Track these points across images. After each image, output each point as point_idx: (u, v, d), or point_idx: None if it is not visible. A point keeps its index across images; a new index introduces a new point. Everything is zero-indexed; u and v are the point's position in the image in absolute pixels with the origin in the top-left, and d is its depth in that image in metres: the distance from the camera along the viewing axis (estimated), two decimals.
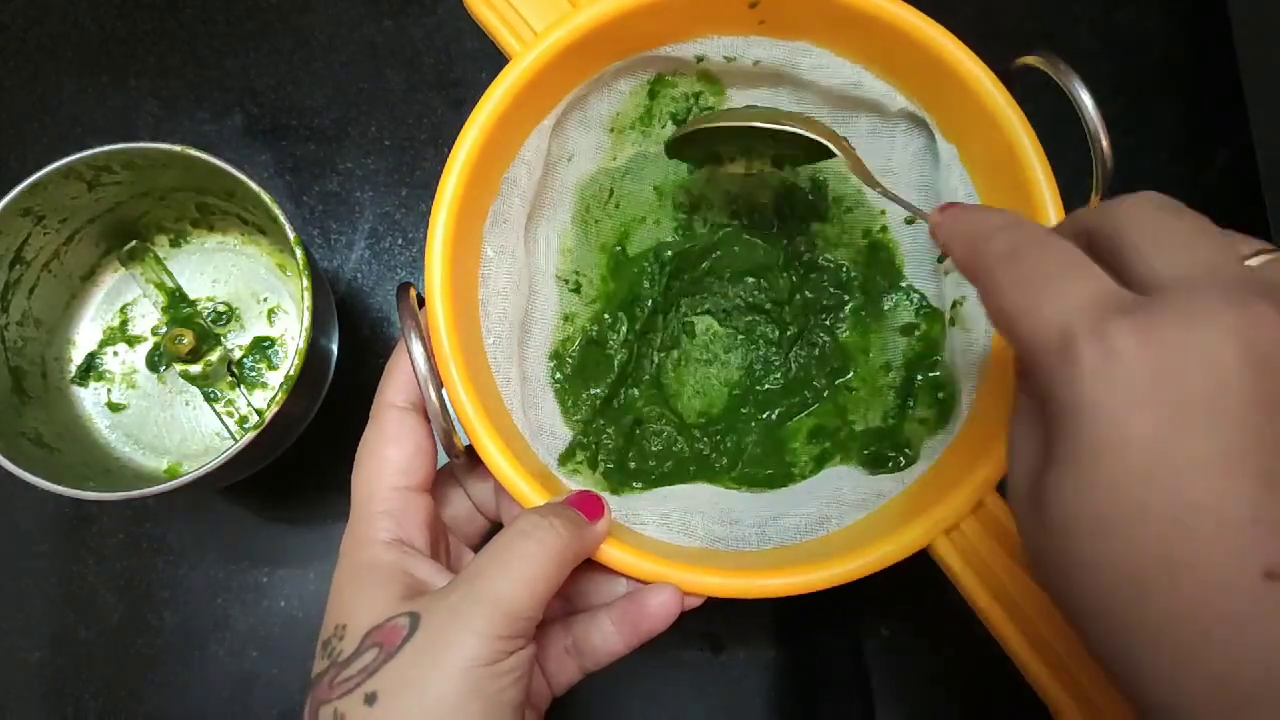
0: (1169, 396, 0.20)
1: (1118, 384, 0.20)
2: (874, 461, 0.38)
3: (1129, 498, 0.20)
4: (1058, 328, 0.21)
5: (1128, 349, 0.20)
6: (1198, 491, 0.19)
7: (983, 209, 0.26)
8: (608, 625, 0.32)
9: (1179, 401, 0.20)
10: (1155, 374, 0.20)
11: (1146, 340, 0.20)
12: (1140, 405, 0.20)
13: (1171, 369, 0.20)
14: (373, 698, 0.26)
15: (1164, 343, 0.20)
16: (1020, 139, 0.34)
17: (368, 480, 0.31)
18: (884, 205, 0.41)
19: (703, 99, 0.40)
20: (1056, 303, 0.21)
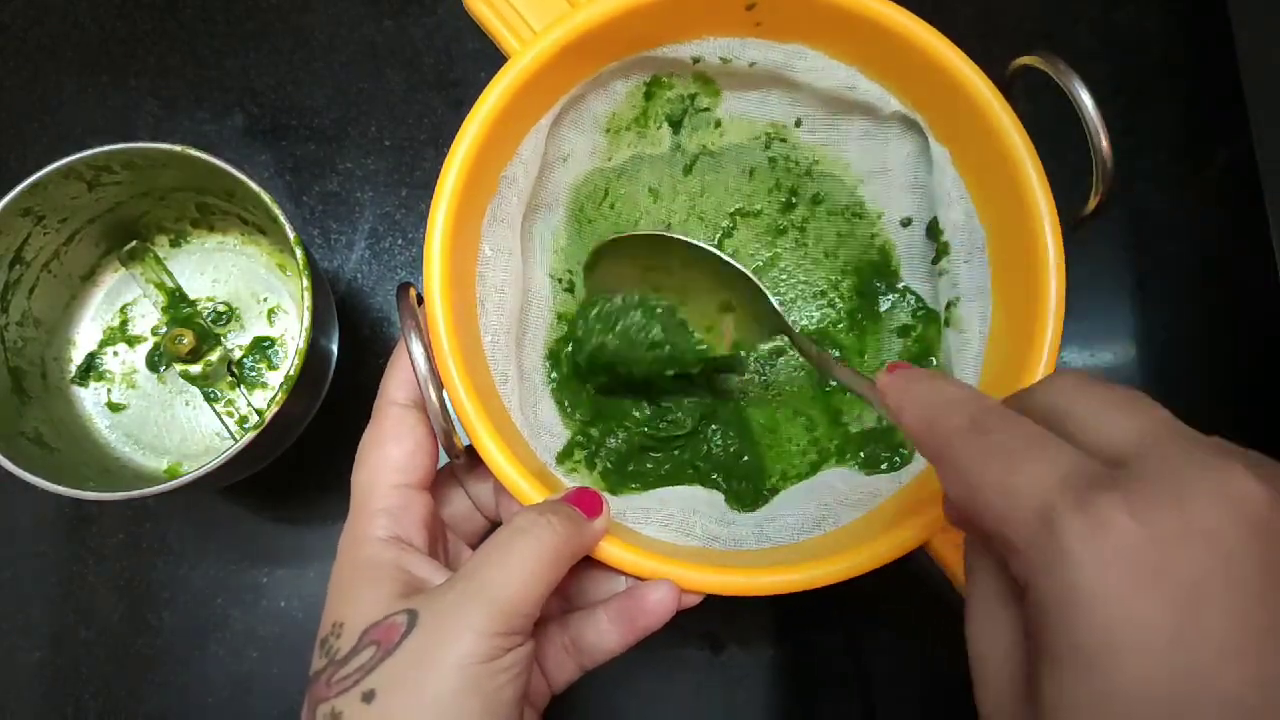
0: (1179, 574, 0.18)
1: (1116, 564, 0.18)
2: (869, 462, 0.38)
3: (1157, 694, 0.17)
4: (1036, 503, 0.19)
5: (1119, 524, 0.18)
6: (1231, 681, 0.17)
7: (936, 376, 0.24)
8: (605, 622, 0.32)
9: (1190, 579, 0.18)
10: (1157, 551, 0.18)
11: (1138, 514, 0.18)
12: (1147, 586, 0.18)
13: (1173, 544, 0.18)
14: (370, 695, 0.25)
15: (1158, 517, 0.18)
16: (1013, 141, 0.34)
17: (367, 477, 0.31)
18: (881, 209, 0.41)
19: (698, 100, 0.40)
20: (1031, 477, 0.19)
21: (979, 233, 0.37)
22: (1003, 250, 0.36)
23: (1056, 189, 0.34)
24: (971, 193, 0.37)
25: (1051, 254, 0.33)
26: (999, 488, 0.20)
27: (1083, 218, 0.34)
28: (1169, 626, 0.17)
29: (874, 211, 0.41)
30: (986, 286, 0.36)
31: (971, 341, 0.36)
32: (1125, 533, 0.18)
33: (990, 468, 0.20)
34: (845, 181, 0.41)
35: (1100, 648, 0.18)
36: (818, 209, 0.42)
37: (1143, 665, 0.17)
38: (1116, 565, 0.18)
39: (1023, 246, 0.34)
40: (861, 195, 0.41)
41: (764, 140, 0.41)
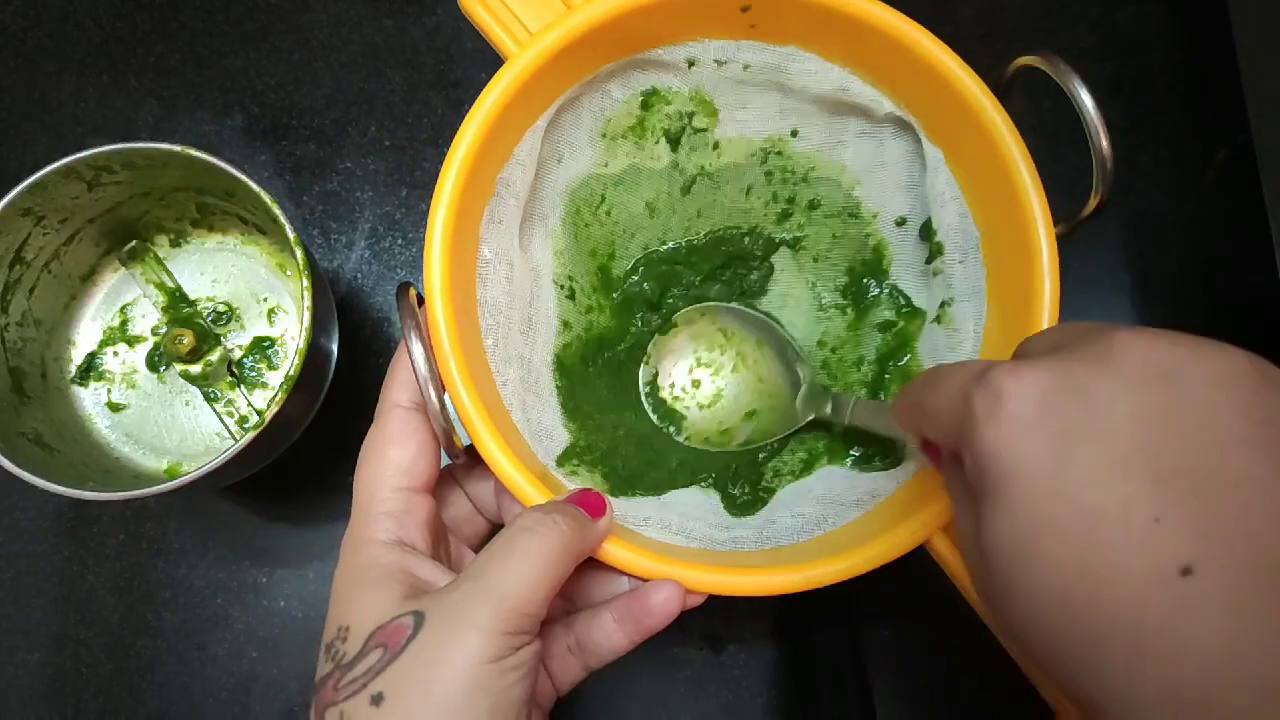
0: (1054, 423, 0.22)
1: (1007, 420, 0.22)
2: (863, 460, 0.39)
3: (1040, 520, 0.21)
4: (958, 395, 0.24)
5: (1008, 389, 0.22)
6: (1096, 498, 0.21)
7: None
8: (610, 622, 0.32)
9: (1063, 426, 0.22)
10: (1038, 405, 0.22)
11: (1024, 379, 0.22)
12: (1029, 434, 0.22)
13: (1051, 399, 0.22)
14: (379, 699, 0.25)
15: (1040, 380, 0.22)
16: (1005, 141, 0.34)
17: (369, 480, 0.31)
18: (876, 209, 0.41)
19: (696, 120, 0.40)
20: (957, 377, 0.25)
21: (973, 233, 0.37)
22: (997, 250, 0.36)
23: (1056, 189, 0.34)
24: (965, 193, 0.37)
25: (1045, 254, 0.33)
26: (939, 396, 0.25)
27: (1082, 218, 0.34)
28: (1045, 461, 0.22)
29: (870, 212, 0.41)
30: (981, 287, 0.36)
31: (965, 342, 0.36)
32: (1016, 397, 0.22)
33: (935, 390, 0.26)
34: (842, 183, 0.41)
35: (1003, 486, 0.22)
36: (814, 214, 0.42)
37: (1032, 493, 0.22)
38: (1011, 422, 0.22)
39: (1016, 246, 0.34)
40: (858, 196, 0.41)
41: (761, 156, 0.41)
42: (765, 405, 0.42)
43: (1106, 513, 0.21)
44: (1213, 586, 0.20)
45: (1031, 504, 0.22)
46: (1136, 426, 0.21)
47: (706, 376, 0.42)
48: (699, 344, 0.43)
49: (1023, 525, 0.22)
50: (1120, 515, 0.20)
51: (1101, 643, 0.21)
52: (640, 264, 0.43)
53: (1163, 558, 0.20)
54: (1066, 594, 0.21)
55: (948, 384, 0.25)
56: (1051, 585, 0.21)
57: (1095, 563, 0.21)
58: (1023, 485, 0.22)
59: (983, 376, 0.23)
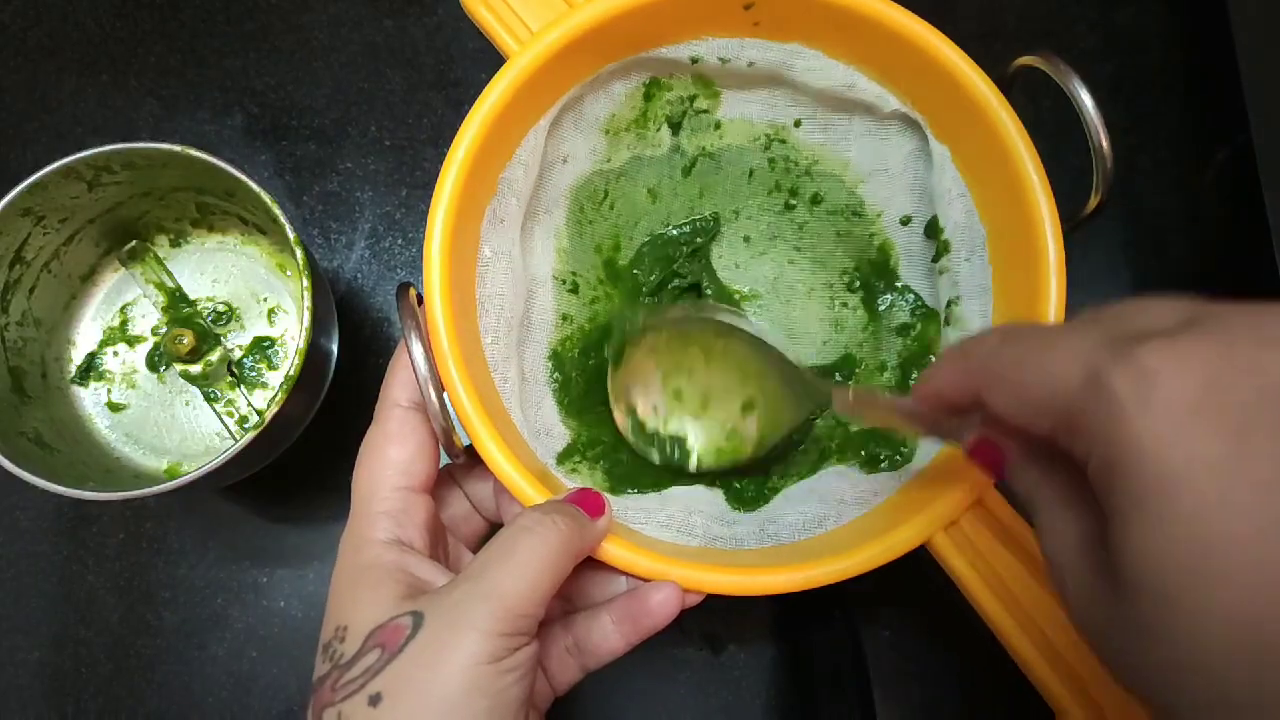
0: (1227, 414, 0.18)
1: (1165, 409, 0.18)
2: (870, 461, 0.38)
3: (1218, 537, 0.17)
4: (1080, 369, 0.19)
5: (1165, 370, 0.18)
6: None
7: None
8: (608, 623, 0.32)
9: (1239, 417, 0.17)
10: (1204, 391, 0.18)
11: (1179, 357, 0.18)
12: (1197, 423, 0.18)
13: (1217, 380, 0.18)
14: (377, 699, 0.25)
15: (1202, 361, 0.18)
16: (1013, 139, 0.34)
17: (368, 480, 0.31)
18: (880, 208, 0.41)
19: (697, 102, 0.40)
20: (1070, 348, 0.20)
21: (979, 231, 0.37)
22: (1003, 248, 0.36)
23: (1056, 189, 0.34)
24: (971, 191, 0.37)
25: (1052, 252, 0.33)
26: (1042, 371, 0.20)
27: (1083, 217, 0.34)
28: (1219, 458, 0.17)
29: (874, 210, 0.41)
30: (987, 285, 0.36)
31: None
32: (1171, 376, 0.18)
33: (1029, 359, 0.21)
34: (845, 181, 0.41)
35: (1159, 492, 0.18)
36: (816, 209, 0.42)
37: (1200, 499, 0.17)
38: (1166, 409, 0.18)
39: (1023, 245, 0.34)
40: (861, 194, 0.41)
41: (764, 142, 0.41)
42: (758, 390, 0.39)
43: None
44: None
45: (1205, 517, 0.17)
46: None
47: (684, 383, 0.39)
48: (658, 356, 0.39)
49: (1193, 544, 0.17)
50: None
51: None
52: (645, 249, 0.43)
53: None
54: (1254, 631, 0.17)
55: (1056, 361, 0.20)
56: (1231, 619, 0.17)
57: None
58: (1193, 493, 0.17)
59: (1121, 351, 0.19)
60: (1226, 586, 0.17)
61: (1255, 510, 0.17)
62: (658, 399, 0.39)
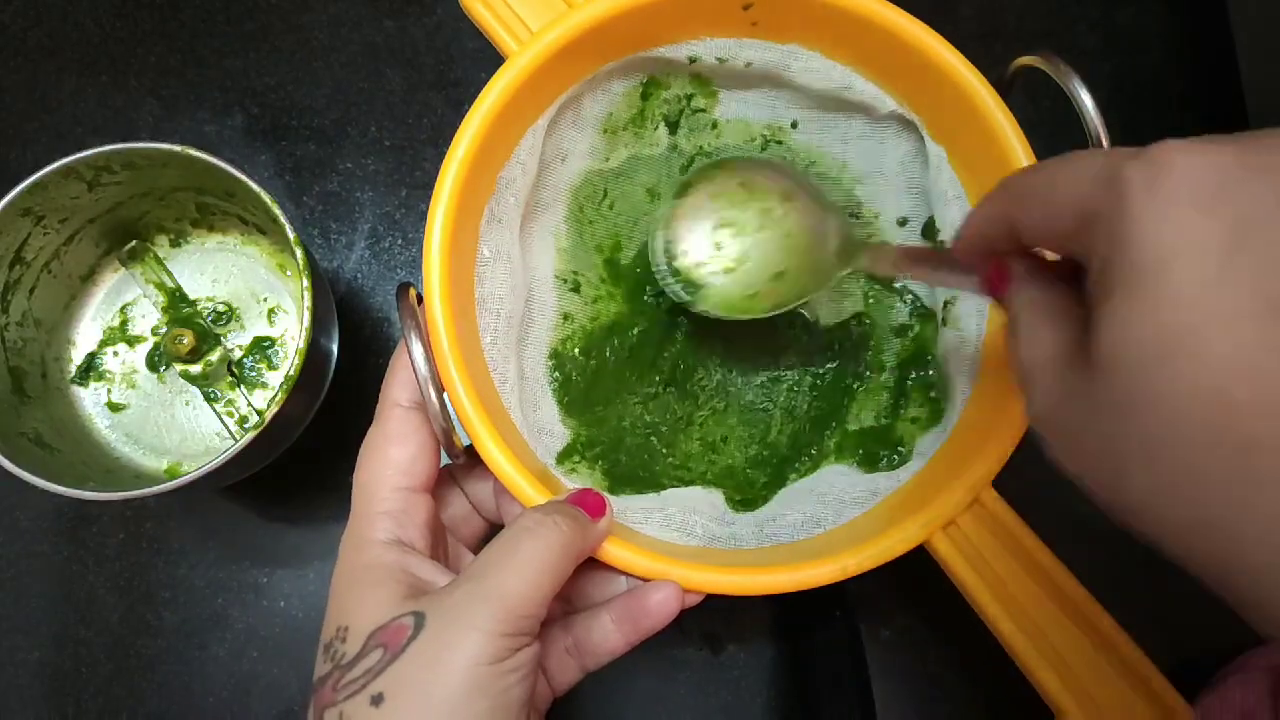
0: (1233, 206, 0.18)
1: (1172, 193, 0.18)
2: (868, 460, 0.38)
3: (1200, 314, 0.17)
4: (1102, 167, 0.20)
5: (1179, 161, 0.18)
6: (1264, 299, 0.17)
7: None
8: (608, 623, 0.32)
9: (1247, 205, 0.18)
10: (1216, 184, 0.18)
11: (1198, 152, 0.18)
12: (1204, 210, 0.18)
13: (1233, 178, 0.18)
14: (379, 699, 0.25)
15: (1217, 154, 0.18)
16: (1008, 138, 0.34)
17: (369, 480, 0.31)
18: (877, 209, 0.41)
19: (695, 101, 0.40)
20: (1096, 156, 0.20)
21: None
22: None
23: None
24: (968, 192, 0.37)
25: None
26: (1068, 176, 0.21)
27: None
28: (1216, 243, 0.18)
29: (871, 211, 0.41)
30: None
31: (969, 341, 0.36)
32: (1185, 167, 0.18)
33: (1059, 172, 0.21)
34: (842, 182, 0.41)
35: (1152, 269, 0.18)
36: None
37: (1188, 278, 0.18)
38: (1172, 194, 0.18)
39: None
40: (859, 195, 0.41)
41: (761, 142, 0.41)
42: (795, 264, 0.38)
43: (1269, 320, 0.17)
44: None
45: (1190, 295, 0.18)
46: None
47: (728, 238, 0.38)
48: (719, 203, 0.38)
49: (1176, 319, 0.18)
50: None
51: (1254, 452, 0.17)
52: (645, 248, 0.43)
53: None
54: (1222, 395, 0.17)
55: (1080, 165, 0.21)
56: (1200, 387, 0.17)
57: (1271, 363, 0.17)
58: (1182, 272, 0.18)
59: (1141, 151, 0.19)
60: (1201, 362, 0.17)
61: (1240, 294, 0.17)
62: (699, 245, 0.38)
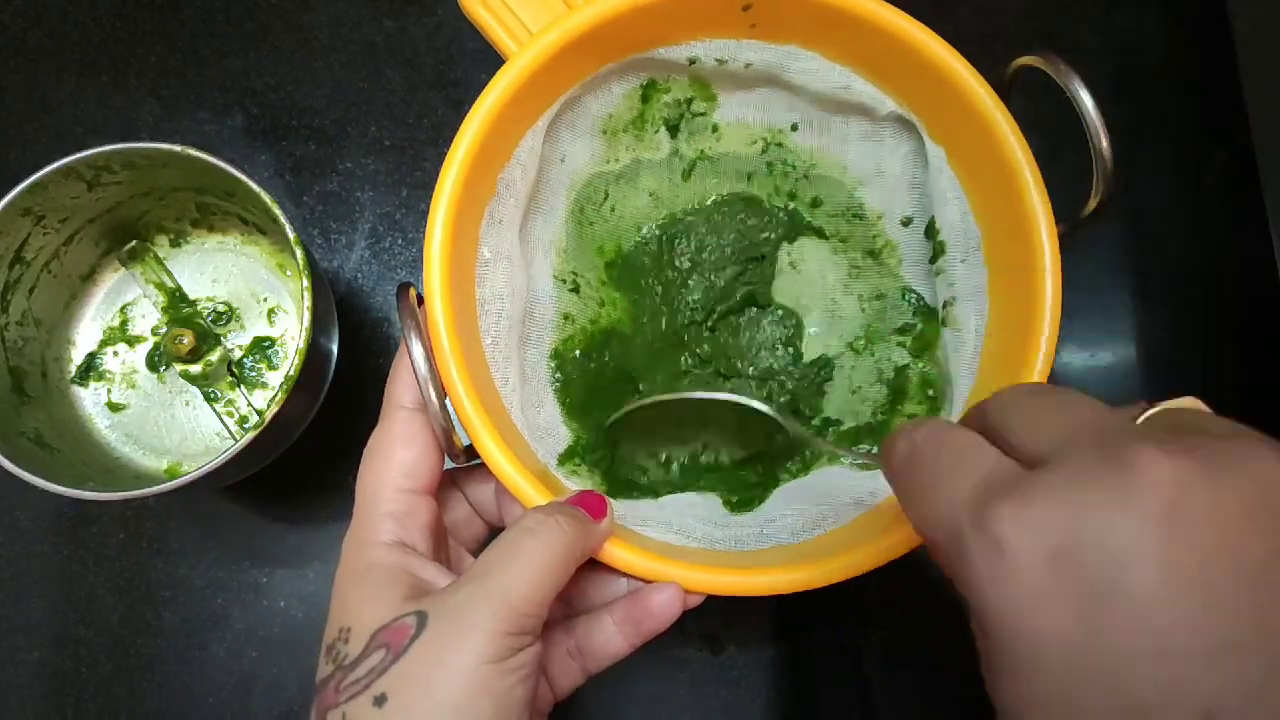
0: (1074, 587, 0.18)
1: (1014, 581, 0.19)
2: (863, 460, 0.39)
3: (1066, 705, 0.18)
4: (948, 526, 0.21)
5: (1013, 538, 0.19)
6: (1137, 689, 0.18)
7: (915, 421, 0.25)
8: (610, 625, 0.32)
9: (1085, 590, 0.18)
10: (1052, 564, 0.18)
11: (1032, 524, 0.19)
12: (1045, 600, 0.18)
13: (1066, 553, 0.18)
14: (382, 699, 0.25)
15: (1051, 523, 0.19)
16: (1007, 139, 0.34)
17: (373, 481, 0.30)
18: (880, 210, 0.41)
19: (694, 104, 0.40)
20: (943, 498, 0.21)
21: (974, 232, 0.37)
22: (998, 250, 0.36)
23: (1056, 189, 0.34)
24: (967, 192, 0.37)
25: (1047, 253, 0.33)
26: (922, 516, 0.22)
27: (1083, 218, 0.34)
28: (1067, 637, 0.18)
29: (874, 212, 0.41)
30: (983, 286, 0.36)
31: (968, 341, 0.36)
32: (1023, 552, 0.19)
33: (922, 495, 0.22)
34: (844, 183, 0.41)
35: (1012, 658, 0.19)
36: (817, 211, 0.42)
37: (1059, 675, 0.18)
38: (1013, 582, 0.19)
39: (1018, 246, 0.34)
40: (861, 197, 0.41)
41: (761, 145, 0.41)
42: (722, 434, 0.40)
43: (1149, 709, 0.17)
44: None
45: (1059, 687, 0.18)
46: (1170, 587, 0.18)
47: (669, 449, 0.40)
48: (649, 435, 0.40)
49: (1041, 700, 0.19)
50: (1164, 707, 0.17)
51: None
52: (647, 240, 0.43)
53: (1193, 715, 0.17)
54: None
55: (936, 491, 0.21)
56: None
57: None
58: (1045, 664, 0.19)
59: (978, 511, 0.20)
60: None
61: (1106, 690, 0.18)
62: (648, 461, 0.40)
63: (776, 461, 0.40)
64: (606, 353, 0.41)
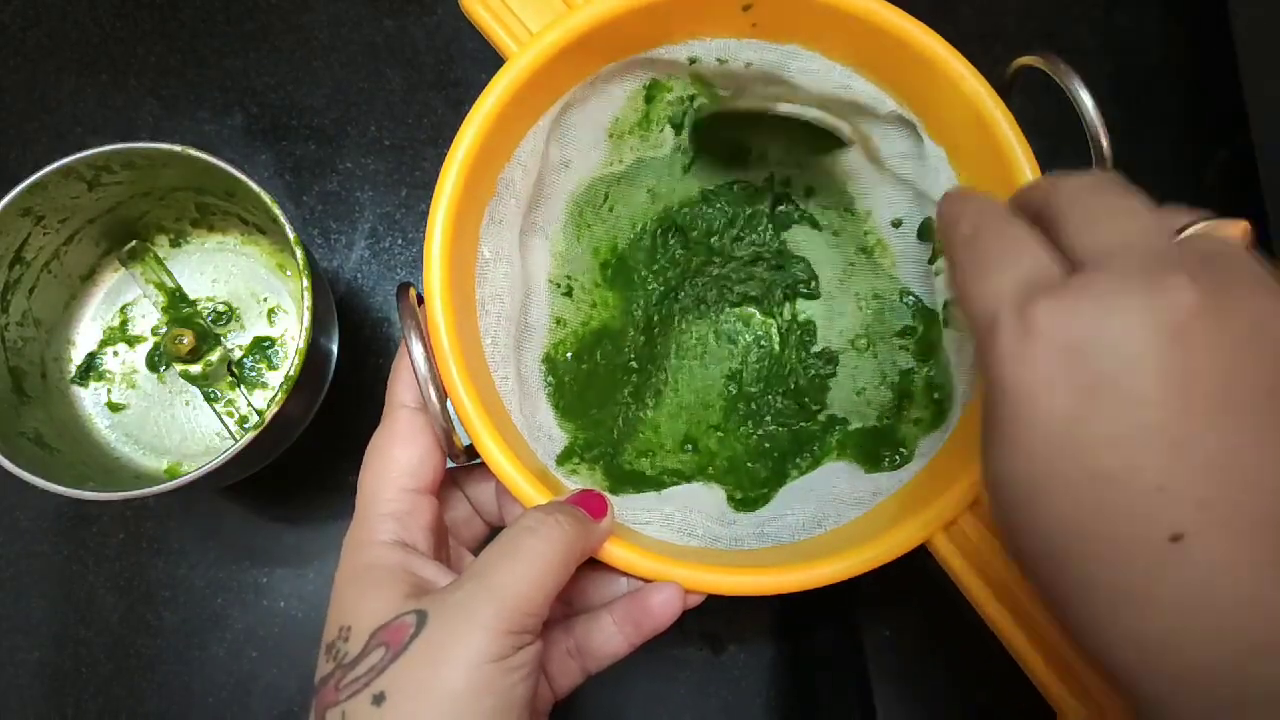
0: (1080, 376, 0.21)
1: (1031, 363, 0.21)
2: (870, 459, 0.38)
3: (1050, 471, 0.22)
4: (990, 309, 0.23)
5: (1043, 329, 0.21)
6: (1106, 463, 0.21)
7: (966, 192, 0.27)
8: (610, 625, 0.32)
9: (1089, 381, 0.21)
10: (1068, 353, 0.21)
11: (1062, 320, 0.21)
12: (1052, 383, 0.21)
13: (1083, 348, 0.21)
14: (381, 698, 0.25)
15: (1078, 322, 0.21)
16: (1007, 139, 0.34)
17: (374, 480, 0.30)
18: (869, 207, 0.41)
19: (697, 101, 0.40)
20: (993, 285, 0.23)
21: None
22: None
23: None
24: None
25: None
26: (971, 294, 0.24)
27: None
28: (1068, 414, 0.21)
29: (863, 210, 0.41)
30: None
31: (967, 342, 0.36)
32: (1049, 337, 0.21)
33: (973, 275, 0.24)
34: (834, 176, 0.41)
35: (1016, 428, 0.22)
36: (810, 201, 0.42)
37: (1046, 443, 0.22)
38: (1036, 364, 0.21)
39: None
40: (851, 193, 0.41)
41: None
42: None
43: (1113, 478, 0.21)
44: (1200, 548, 0.20)
45: (1044, 454, 0.22)
46: (1165, 390, 0.21)
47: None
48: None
49: (1032, 471, 0.22)
50: (1125, 481, 0.21)
51: (1088, 593, 0.22)
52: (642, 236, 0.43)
53: (1155, 525, 0.21)
54: (1064, 544, 0.22)
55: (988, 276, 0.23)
56: (1052, 533, 0.22)
57: (1092, 523, 0.21)
58: (1037, 433, 0.22)
59: (1022, 299, 0.22)
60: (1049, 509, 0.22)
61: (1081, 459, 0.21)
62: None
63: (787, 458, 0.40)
64: (598, 352, 0.41)
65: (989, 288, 0.23)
